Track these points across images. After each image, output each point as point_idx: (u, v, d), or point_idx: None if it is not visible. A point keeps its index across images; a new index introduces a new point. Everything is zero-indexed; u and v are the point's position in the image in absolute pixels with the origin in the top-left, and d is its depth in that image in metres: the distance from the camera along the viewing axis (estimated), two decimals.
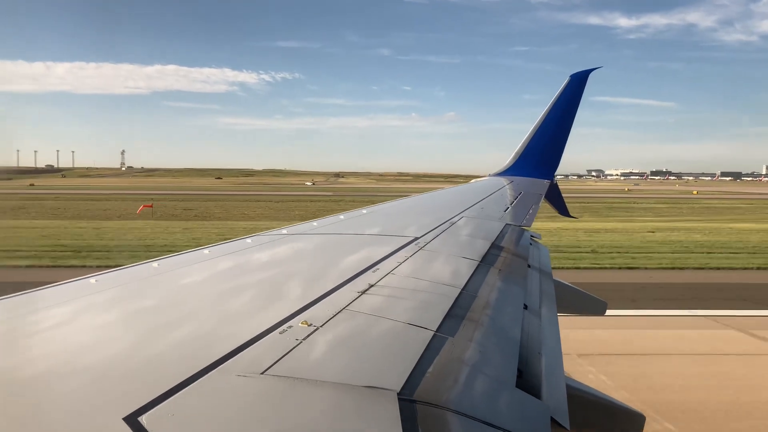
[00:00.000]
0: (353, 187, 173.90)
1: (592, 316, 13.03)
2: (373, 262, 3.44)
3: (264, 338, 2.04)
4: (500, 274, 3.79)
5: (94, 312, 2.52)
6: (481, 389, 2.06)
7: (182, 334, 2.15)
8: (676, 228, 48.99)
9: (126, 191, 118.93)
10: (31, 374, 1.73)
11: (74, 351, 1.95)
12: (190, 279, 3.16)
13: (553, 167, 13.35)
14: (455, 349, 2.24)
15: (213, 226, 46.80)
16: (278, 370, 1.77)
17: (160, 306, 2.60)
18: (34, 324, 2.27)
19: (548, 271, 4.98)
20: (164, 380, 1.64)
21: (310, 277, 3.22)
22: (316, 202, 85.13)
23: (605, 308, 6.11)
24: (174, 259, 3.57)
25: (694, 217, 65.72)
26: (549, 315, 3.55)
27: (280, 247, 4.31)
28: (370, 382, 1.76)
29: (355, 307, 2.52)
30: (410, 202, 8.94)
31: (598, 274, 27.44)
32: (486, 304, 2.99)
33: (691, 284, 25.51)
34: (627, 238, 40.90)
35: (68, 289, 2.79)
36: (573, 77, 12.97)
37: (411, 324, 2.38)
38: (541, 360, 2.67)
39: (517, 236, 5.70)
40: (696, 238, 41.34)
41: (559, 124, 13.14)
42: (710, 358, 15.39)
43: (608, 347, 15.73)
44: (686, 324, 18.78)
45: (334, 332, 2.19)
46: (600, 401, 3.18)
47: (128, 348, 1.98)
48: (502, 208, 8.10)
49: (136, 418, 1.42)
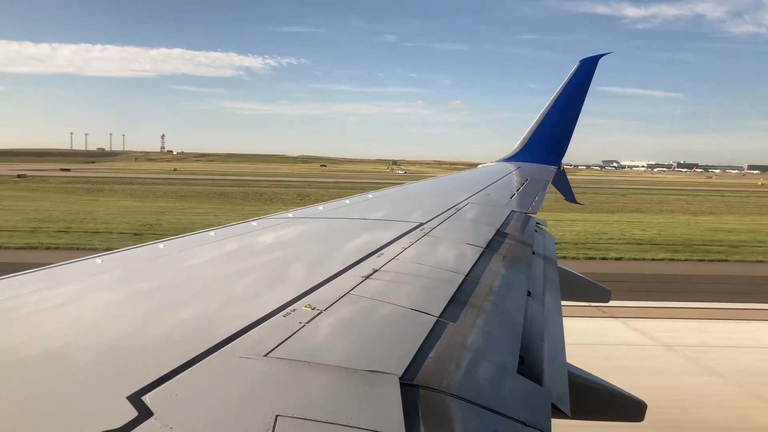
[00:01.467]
0: (428, 175, 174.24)
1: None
2: (378, 247, 3.44)
3: (268, 321, 2.05)
4: (504, 260, 3.79)
5: (98, 292, 2.53)
6: (483, 375, 2.07)
7: (186, 316, 2.17)
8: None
9: (308, 179, 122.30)
10: (36, 352, 1.75)
11: (78, 330, 1.97)
12: (195, 261, 3.18)
13: (561, 153, 13.26)
14: (457, 334, 2.25)
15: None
16: (281, 352, 1.79)
17: (165, 287, 2.62)
18: (40, 302, 2.29)
19: (553, 258, 4.97)
20: (168, 360, 1.65)
21: (314, 261, 3.22)
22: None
23: (609, 296, 6.11)
24: (179, 241, 3.58)
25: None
26: (552, 302, 3.55)
27: (285, 231, 4.32)
28: (373, 366, 1.77)
29: (359, 291, 2.53)
30: (416, 188, 8.92)
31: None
32: (489, 290, 2.99)
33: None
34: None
35: (73, 269, 2.81)
36: (583, 62, 12.84)
37: (414, 309, 2.39)
38: (543, 347, 2.68)
39: (523, 223, 5.69)
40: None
41: (568, 110, 13.04)
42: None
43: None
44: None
45: (338, 316, 2.20)
46: (602, 388, 3.19)
47: (132, 328, 2.00)
48: (508, 194, 8.08)
49: (140, 397, 1.43)
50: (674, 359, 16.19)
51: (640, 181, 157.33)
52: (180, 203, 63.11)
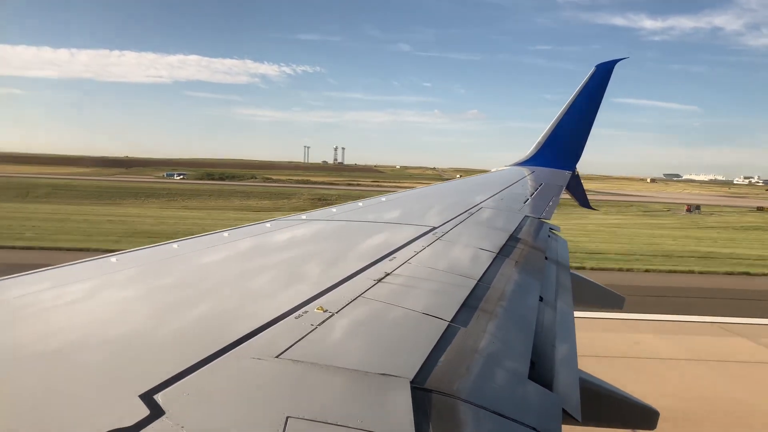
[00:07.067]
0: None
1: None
2: (390, 251, 3.44)
3: (280, 322, 2.06)
4: (517, 266, 3.78)
5: (112, 291, 2.56)
6: (494, 380, 2.06)
7: (199, 315, 2.18)
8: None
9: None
10: (49, 349, 1.77)
11: (92, 329, 1.99)
12: (208, 261, 3.20)
13: (576, 158, 13.19)
14: (469, 339, 2.24)
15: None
16: (293, 354, 1.79)
17: (178, 287, 2.64)
18: (54, 300, 2.31)
19: (566, 263, 4.95)
20: (181, 360, 1.66)
21: (327, 263, 3.23)
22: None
23: (623, 303, 6.06)
24: (193, 241, 3.61)
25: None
26: (565, 308, 3.53)
27: (298, 232, 4.34)
28: (384, 369, 1.77)
29: (371, 294, 2.53)
30: (429, 191, 8.92)
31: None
32: (502, 295, 2.98)
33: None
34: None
35: (88, 267, 2.84)
36: (598, 67, 12.77)
37: (426, 313, 2.39)
38: (554, 352, 2.66)
39: (536, 228, 5.66)
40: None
41: (583, 115, 12.97)
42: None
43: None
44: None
45: (350, 319, 2.20)
46: (613, 395, 3.16)
47: (145, 327, 2.02)
48: (521, 199, 8.04)
49: (152, 396, 1.44)
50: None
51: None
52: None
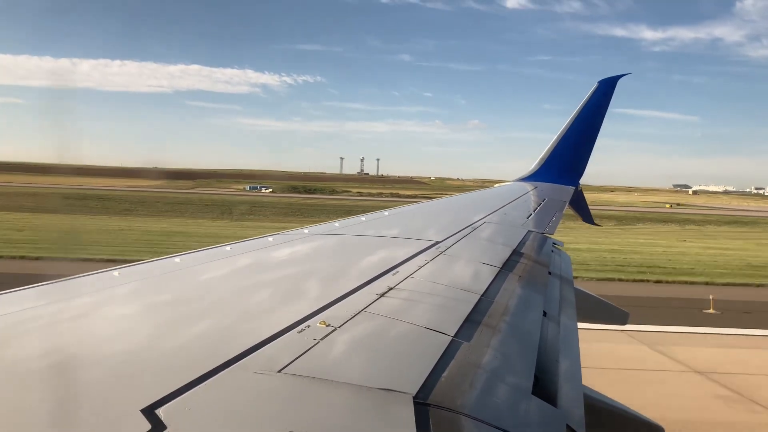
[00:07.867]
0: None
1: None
2: (393, 265, 3.44)
3: (282, 337, 2.05)
4: (520, 281, 3.77)
5: (115, 305, 2.56)
6: (497, 395, 2.05)
7: (201, 330, 2.18)
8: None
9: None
10: (51, 363, 1.76)
11: (94, 343, 1.98)
12: (211, 275, 3.20)
13: (579, 174, 13.20)
14: (472, 354, 2.23)
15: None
16: (295, 369, 1.78)
17: (181, 301, 2.64)
18: (57, 314, 2.31)
19: (569, 278, 4.93)
20: (182, 374, 1.66)
21: (329, 278, 3.23)
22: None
23: (627, 319, 6.03)
24: (195, 255, 3.61)
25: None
26: (568, 323, 3.52)
27: (301, 247, 4.34)
28: (386, 384, 1.76)
29: (374, 309, 2.52)
30: (432, 206, 8.92)
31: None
32: (505, 310, 2.97)
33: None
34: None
35: (91, 281, 2.84)
36: (601, 83, 12.83)
37: (429, 328, 2.38)
38: (558, 368, 2.65)
39: (539, 243, 5.65)
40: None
41: (586, 130, 13.00)
42: None
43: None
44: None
45: (352, 333, 2.19)
46: (618, 411, 3.14)
47: (148, 341, 2.01)
48: (524, 214, 8.04)
49: (153, 410, 1.44)
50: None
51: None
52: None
